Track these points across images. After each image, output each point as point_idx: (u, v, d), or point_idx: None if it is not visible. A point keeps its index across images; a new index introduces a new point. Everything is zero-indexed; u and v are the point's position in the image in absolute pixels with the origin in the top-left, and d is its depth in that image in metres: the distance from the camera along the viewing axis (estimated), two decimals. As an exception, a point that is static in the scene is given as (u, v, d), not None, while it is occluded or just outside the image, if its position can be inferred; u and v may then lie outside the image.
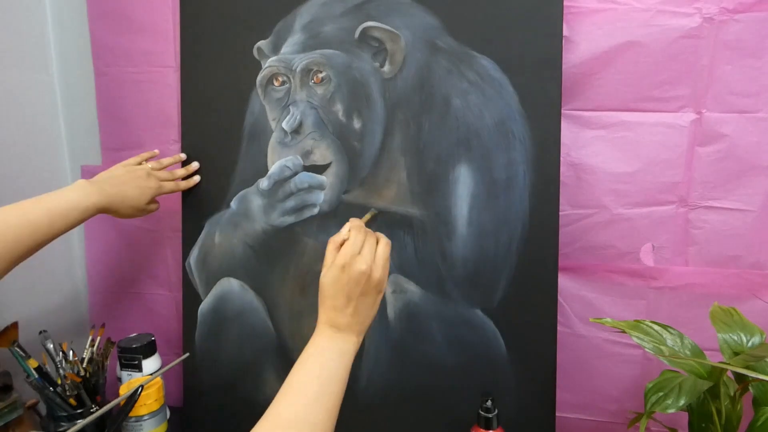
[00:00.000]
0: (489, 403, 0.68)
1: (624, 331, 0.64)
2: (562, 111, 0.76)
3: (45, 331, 0.81)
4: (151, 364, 0.85)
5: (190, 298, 0.88)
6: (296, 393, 0.54)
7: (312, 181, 0.80)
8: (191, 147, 0.87)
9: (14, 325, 0.78)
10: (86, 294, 1.00)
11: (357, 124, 0.79)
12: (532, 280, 0.76)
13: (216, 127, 0.85)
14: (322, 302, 0.60)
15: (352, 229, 0.62)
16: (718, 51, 0.74)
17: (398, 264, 0.79)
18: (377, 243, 0.62)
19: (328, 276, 0.59)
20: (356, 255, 0.59)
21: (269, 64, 0.81)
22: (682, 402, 0.58)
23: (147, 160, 0.83)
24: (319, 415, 0.52)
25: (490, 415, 0.68)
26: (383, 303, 0.80)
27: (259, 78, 0.82)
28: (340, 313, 0.58)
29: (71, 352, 0.83)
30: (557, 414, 0.79)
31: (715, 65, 0.75)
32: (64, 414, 0.78)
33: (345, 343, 0.58)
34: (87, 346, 0.85)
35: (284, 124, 0.80)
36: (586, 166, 0.80)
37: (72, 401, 0.79)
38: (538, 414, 0.77)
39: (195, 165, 0.86)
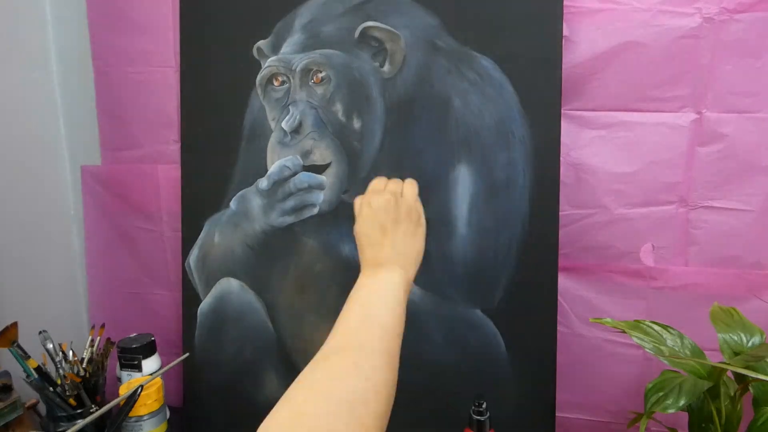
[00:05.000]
0: (481, 405, 0.67)
1: (624, 331, 0.64)
2: (562, 111, 0.76)
3: (45, 331, 0.81)
4: (150, 364, 0.85)
5: (190, 298, 0.88)
6: (339, 325, 0.50)
7: (311, 181, 0.80)
8: (191, 147, 0.87)
9: (14, 325, 0.78)
10: (86, 294, 1.00)
11: (357, 124, 0.79)
12: (532, 280, 0.76)
13: (216, 127, 0.85)
14: (360, 247, 0.58)
15: (374, 179, 0.64)
16: (718, 51, 0.74)
17: (398, 264, 0.79)
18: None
19: (359, 220, 0.59)
20: (380, 190, 0.60)
21: (269, 63, 0.81)
22: (682, 402, 0.58)
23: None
24: (366, 337, 0.48)
25: (482, 418, 0.67)
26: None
27: (258, 78, 0.82)
28: (378, 247, 0.56)
29: (71, 352, 0.83)
30: (557, 414, 0.79)
31: (715, 65, 0.74)
32: (64, 414, 0.78)
33: (388, 273, 0.55)
34: (87, 346, 0.85)
35: (284, 124, 0.80)
36: (586, 166, 0.80)
37: (72, 401, 0.79)
38: (538, 414, 0.77)
39: None
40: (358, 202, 0.63)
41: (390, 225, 0.57)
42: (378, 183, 0.63)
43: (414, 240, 0.59)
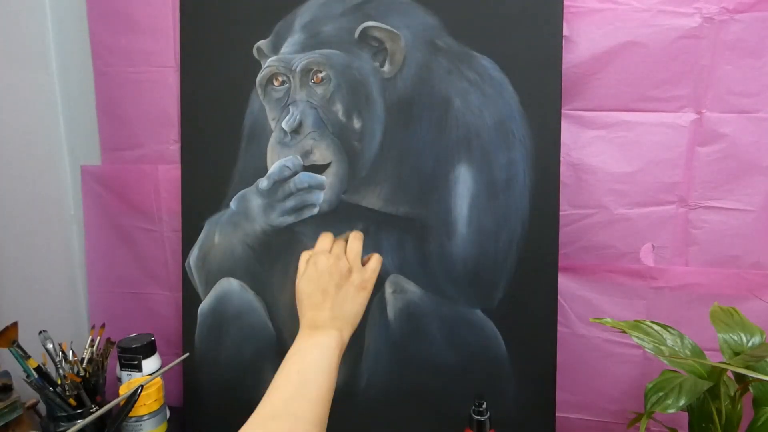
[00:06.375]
0: (481, 405, 0.67)
1: (624, 331, 0.64)
2: (562, 111, 0.76)
3: (45, 331, 0.81)
4: (151, 364, 0.85)
5: (190, 298, 0.88)
6: (276, 390, 0.54)
7: (312, 181, 0.80)
8: (191, 147, 0.87)
9: (14, 325, 0.78)
10: (86, 294, 1.00)
11: (357, 123, 0.79)
12: (532, 280, 0.76)
13: (216, 127, 0.85)
14: (300, 308, 0.60)
15: (321, 235, 0.65)
16: (718, 51, 0.74)
17: (398, 264, 0.79)
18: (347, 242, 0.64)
19: (303, 278, 0.61)
20: (326, 250, 0.62)
21: (269, 63, 0.81)
22: (682, 402, 0.58)
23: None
24: (302, 406, 0.52)
25: (482, 418, 0.67)
26: (383, 303, 0.80)
27: (258, 78, 0.82)
28: (318, 310, 0.59)
29: (71, 352, 0.83)
30: (557, 414, 0.79)
31: (715, 65, 0.74)
32: (64, 414, 0.78)
33: (324, 338, 0.57)
34: (87, 346, 0.85)
35: (284, 124, 0.80)
36: (586, 166, 0.80)
37: (72, 401, 0.79)
38: (538, 414, 0.77)
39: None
40: (305, 258, 0.63)
41: (332, 289, 0.58)
42: (325, 242, 0.63)
43: (353, 304, 0.61)
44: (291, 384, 0.54)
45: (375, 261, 0.64)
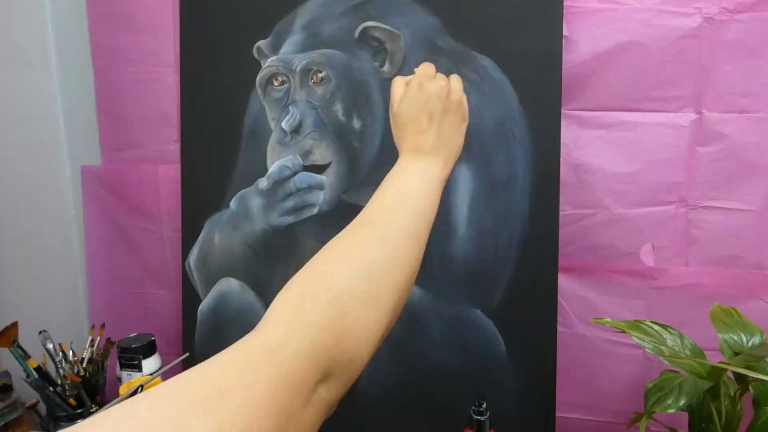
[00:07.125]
0: (481, 405, 0.67)
1: (624, 331, 0.64)
2: (562, 111, 0.76)
3: (45, 331, 0.81)
4: (151, 364, 0.85)
5: (190, 298, 0.88)
6: (372, 203, 0.49)
7: (311, 181, 0.80)
8: (191, 147, 0.87)
9: (14, 325, 0.78)
10: (86, 294, 1.00)
11: (357, 123, 0.79)
12: (532, 280, 0.76)
13: (216, 127, 0.85)
14: (401, 131, 0.56)
15: (422, 64, 0.58)
16: (718, 51, 0.74)
17: (398, 264, 0.79)
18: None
19: (404, 101, 0.55)
20: (432, 75, 0.56)
21: (269, 63, 0.81)
22: (682, 402, 0.58)
23: None
24: (397, 216, 0.47)
25: (482, 418, 0.67)
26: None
27: (258, 78, 0.82)
28: (424, 134, 0.54)
29: (71, 352, 0.83)
30: (557, 414, 0.79)
31: (715, 65, 0.74)
32: (64, 414, 0.78)
33: (428, 164, 0.53)
34: (87, 346, 0.85)
35: (284, 124, 0.80)
36: (586, 166, 0.80)
37: (72, 401, 0.79)
38: (538, 414, 0.77)
39: None
40: (401, 82, 0.58)
41: (438, 114, 0.54)
42: (428, 68, 0.57)
43: (457, 134, 0.57)
44: (388, 196, 0.50)
45: (458, 84, 0.57)
